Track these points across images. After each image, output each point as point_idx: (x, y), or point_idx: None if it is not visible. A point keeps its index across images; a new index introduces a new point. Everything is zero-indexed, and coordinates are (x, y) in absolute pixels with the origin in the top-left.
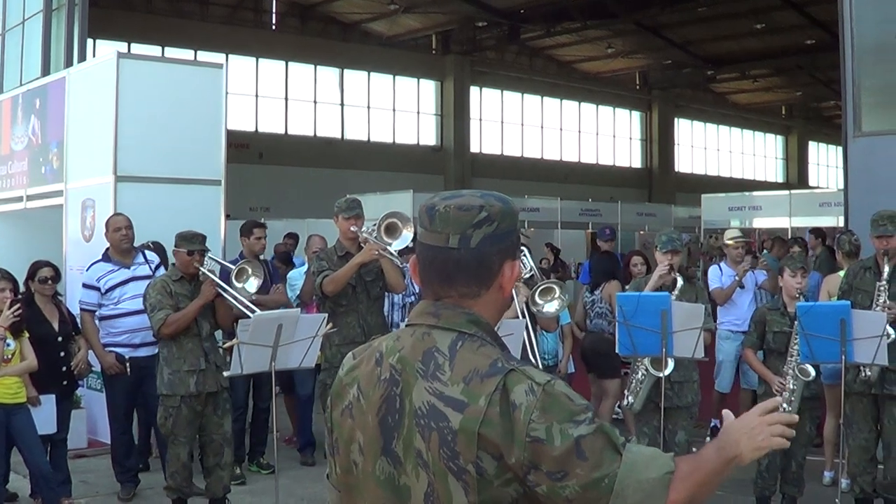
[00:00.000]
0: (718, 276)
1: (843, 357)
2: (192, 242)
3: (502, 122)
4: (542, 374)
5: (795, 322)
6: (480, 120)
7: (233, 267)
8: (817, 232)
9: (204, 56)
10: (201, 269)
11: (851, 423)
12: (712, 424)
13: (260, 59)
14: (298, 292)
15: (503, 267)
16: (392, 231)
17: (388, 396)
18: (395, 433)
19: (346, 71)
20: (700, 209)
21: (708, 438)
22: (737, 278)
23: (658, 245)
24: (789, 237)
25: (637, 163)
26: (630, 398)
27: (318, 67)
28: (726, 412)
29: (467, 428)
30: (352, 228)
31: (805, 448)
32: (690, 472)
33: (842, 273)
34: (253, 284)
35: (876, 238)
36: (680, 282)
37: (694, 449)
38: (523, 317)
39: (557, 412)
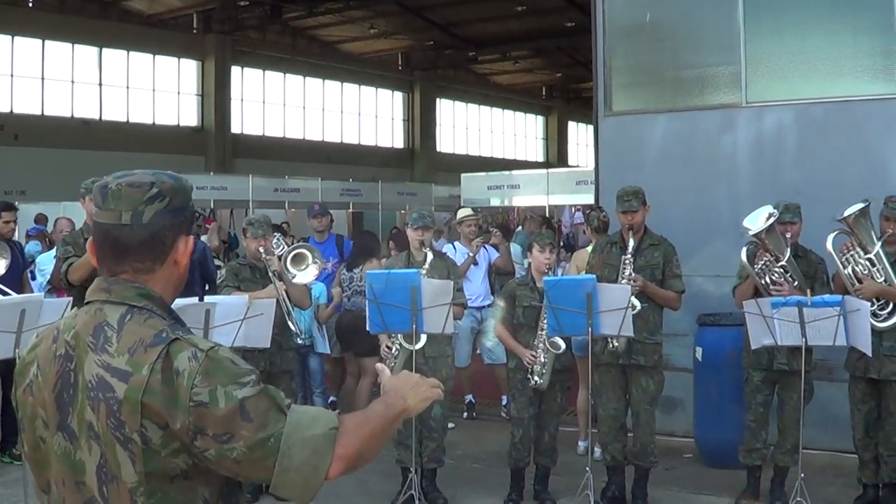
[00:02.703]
0: (452, 254)
1: (590, 329)
2: None
3: (264, 103)
4: (207, 342)
5: (544, 296)
6: (242, 100)
7: None
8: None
9: None
10: None
11: (601, 394)
12: (467, 400)
13: (15, 37)
14: (49, 277)
15: (177, 242)
16: None
17: (62, 372)
18: (70, 408)
19: (104, 50)
20: (460, 188)
21: (465, 414)
22: (470, 255)
23: (409, 222)
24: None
25: (399, 143)
26: None
27: (76, 46)
28: (380, 366)
29: (131, 397)
30: None
31: (557, 418)
32: (357, 426)
33: (590, 248)
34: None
35: (621, 213)
36: (430, 257)
37: (451, 425)
38: (280, 279)
39: (221, 376)
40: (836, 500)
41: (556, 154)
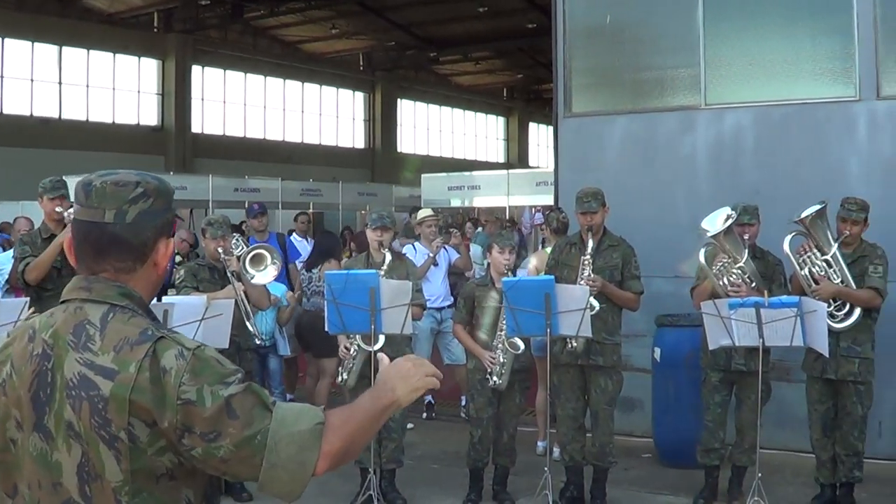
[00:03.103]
0: (413, 254)
1: (549, 330)
2: None
3: (224, 102)
4: (192, 341)
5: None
6: (202, 100)
7: None
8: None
9: None
10: None
11: (559, 394)
12: (426, 400)
13: None
14: (7, 277)
15: (158, 244)
16: None
17: (39, 371)
18: (46, 408)
19: (64, 48)
20: (421, 189)
21: (424, 414)
22: (430, 255)
23: (369, 223)
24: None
25: (360, 143)
26: (344, 374)
27: (35, 44)
28: (381, 354)
29: (118, 395)
30: (56, 209)
31: (516, 419)
32: (343, 421)
33: (549, 249)
34: None
35: (580, 214)
36: (388, 258)
37: (410, 425)
38: (238, 279)
39: (208, 375)
40: (794, 500)
41: (517, 155)
